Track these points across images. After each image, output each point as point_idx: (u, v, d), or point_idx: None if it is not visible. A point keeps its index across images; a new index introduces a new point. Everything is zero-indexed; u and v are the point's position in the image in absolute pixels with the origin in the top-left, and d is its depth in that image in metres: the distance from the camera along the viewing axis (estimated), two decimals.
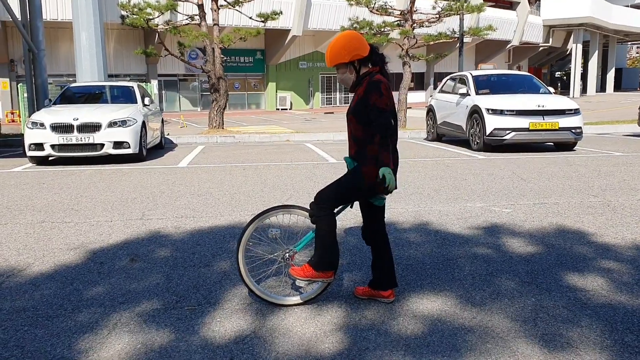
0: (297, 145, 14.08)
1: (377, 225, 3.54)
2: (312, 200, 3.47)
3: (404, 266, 4.23)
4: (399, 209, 6.18)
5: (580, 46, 47.28)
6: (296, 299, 3.51)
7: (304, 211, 3.53)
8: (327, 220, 3.33)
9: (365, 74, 3.38)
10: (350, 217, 5.71)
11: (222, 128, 17.51)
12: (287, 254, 3.52)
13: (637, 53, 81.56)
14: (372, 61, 3.40)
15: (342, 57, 3.34)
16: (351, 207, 3.56)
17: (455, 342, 2.98)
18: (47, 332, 3.17)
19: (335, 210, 3.41)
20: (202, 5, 17.18)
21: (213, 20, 17.25)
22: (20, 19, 14.49)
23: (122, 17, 17.52)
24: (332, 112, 32.50)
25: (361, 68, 3.39)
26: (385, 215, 5.84)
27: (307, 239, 3.50)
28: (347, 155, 3.47)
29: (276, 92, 37.16)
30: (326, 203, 3.33)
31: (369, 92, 3.26)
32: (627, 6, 52.88)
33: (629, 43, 63.64)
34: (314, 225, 3.41)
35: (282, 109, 36.32)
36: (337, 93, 40.46)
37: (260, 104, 37.77)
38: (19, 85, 18.20)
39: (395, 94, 26.10)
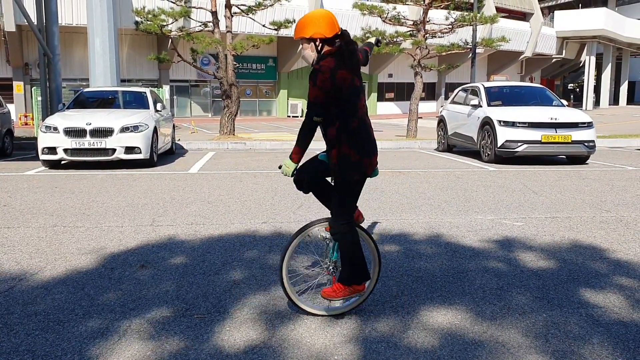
0: (308, 153, 14.06)
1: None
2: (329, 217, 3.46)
3: (414, 278, 4.22)
4: (409, 219, 6.17)
5: (593, 58, 47.09)
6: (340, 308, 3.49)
7: None
8: (347, 232, 3.30)
9: (322, 56, 3.22)
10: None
11: (233, 134, 17.57)
12: (330, 266, 3.50)
13: None
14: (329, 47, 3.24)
15: (303, 31, 3.22)
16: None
17: (466, 357, 2.96)
18: (58, 337, 3.19)
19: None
20: (215, 12, 17.29)
21: (226, 27, 17.36)
22: (36, 24, 14.64)
23: (136, 23, 17.65)
24: None
25: (323, 49, 3.24)
26: (396, 226, 5.84)
27: (336, 245, 3.48)
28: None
29: (287, 99, 37.26)
30: (340, 215, 3.31)
31: (309, 80, 3.17)
32: None
33: None
34: None
35: (293, 116, 36.40)
36: None
37: (272, 111, 37.88)
38: (33, 89, 18.39)
39: (406, 103, 25.88)
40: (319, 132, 3.41)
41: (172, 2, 17.52)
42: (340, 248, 3.33)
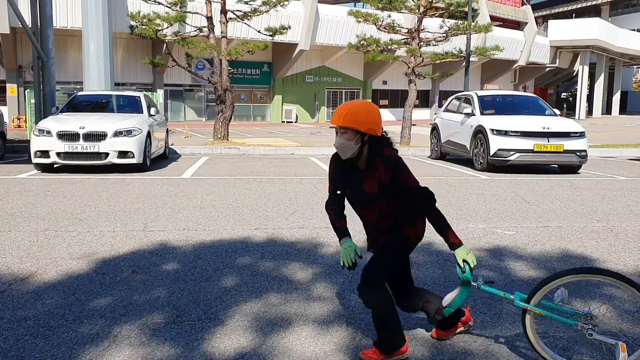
0: (302, 159, 14.10)
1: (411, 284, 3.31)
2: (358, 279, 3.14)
3: None
4: None
5: (586, 68, 47.46)
6: None
7: (607, 277, 2.85)
8: (382, 298, 3.01)
9: (375, 152, 3.03)
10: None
11: (227, 139, 17.56)
12: (586, 323, 2.89)
13: None
14: (382, 143, 3.09)
15: (357, 123, 2.95)
16: None
17: None
18: (48, 342, 3.18)
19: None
20: (211, 17, 17.32)
21: (221, 32, 17.38)
22: (30, 27, 14.62)
23: (131, 27, 17.64)
24: None
25: (367, 145, 3.03)
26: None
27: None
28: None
29: (282, 104, 37.30)
30: (376, 283, 3.01)
31: (396, 172, 2.98)
32: (634, 30, 53.19)
33: (635, 67, 63.92)
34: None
35: (287, 122, 36.44)
36: None
37: (266, 116, 37.91)
38: (26, 92, 18.31)
39: (400, 110, 25.83)
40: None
41: (167, 6, 17.53)
42: (374, 313, 3.03)
